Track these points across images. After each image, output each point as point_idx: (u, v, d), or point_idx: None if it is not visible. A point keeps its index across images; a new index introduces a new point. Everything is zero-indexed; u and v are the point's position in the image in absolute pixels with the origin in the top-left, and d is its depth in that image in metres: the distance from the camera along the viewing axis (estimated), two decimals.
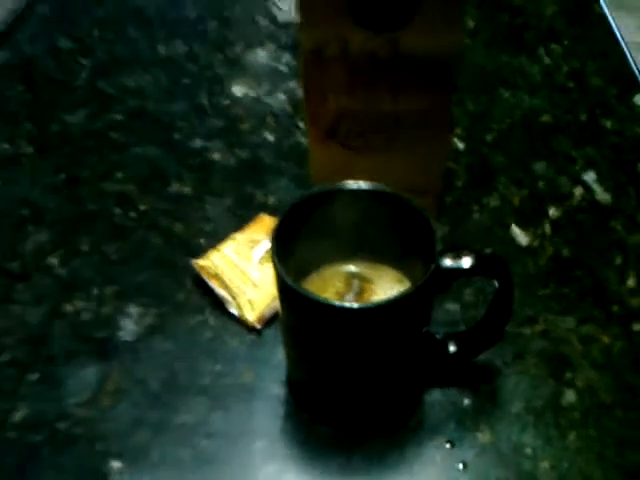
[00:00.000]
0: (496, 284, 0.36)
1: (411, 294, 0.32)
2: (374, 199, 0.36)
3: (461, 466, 0.37)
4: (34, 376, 0.41)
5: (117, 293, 0.46)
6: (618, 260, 0.48)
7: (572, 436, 0.39)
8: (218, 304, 0.45)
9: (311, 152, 0.47)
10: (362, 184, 0.36)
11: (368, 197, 0.36)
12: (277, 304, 0.43)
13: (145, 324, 0.44)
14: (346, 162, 0.47)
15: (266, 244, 0.45)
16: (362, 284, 0.39)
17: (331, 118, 0.44)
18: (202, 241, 0.49)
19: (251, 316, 0.43)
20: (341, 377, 0.37)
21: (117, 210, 0.52)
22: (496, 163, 0.56)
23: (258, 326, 0.43)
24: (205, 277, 0.45)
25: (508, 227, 0.51)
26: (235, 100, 0.63)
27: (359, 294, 0.39)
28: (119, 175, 0.55)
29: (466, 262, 0.34)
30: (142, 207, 0.52)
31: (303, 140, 0.58)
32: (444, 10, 0.38)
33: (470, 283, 0.45)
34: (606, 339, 0.43)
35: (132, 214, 0.52)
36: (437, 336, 0.40)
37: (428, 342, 0.39)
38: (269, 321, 0.44)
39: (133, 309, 0.45)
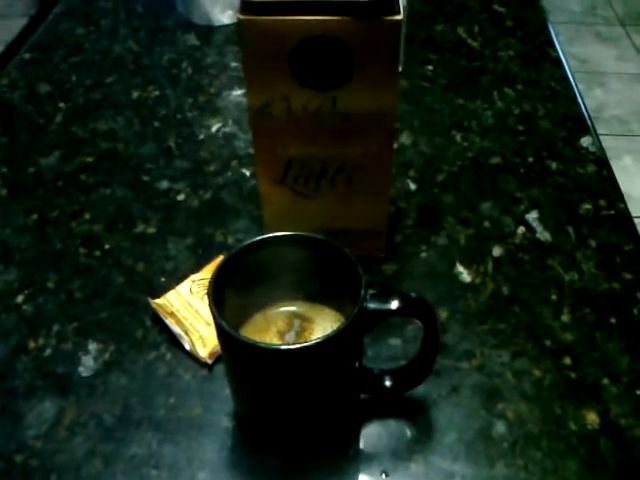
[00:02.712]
0: (420, 324, 0.38)
1: (337, 334, 0.35)
2: (308, 246, 0.39)
3: None
4: None
5: (78, 330, 0.49)
6: (554, 296, 0.51)
7: (500, 465, 0.41)
8: (174, 341, 0.47)
9: (263, 198, 0.50)
10: (295, 233, 0.39)
11: (302, 244, 0.39)
12: None
13: (103, 360, 0.47)
14: (296, 206, 0.50)
15: None
16: (303, 323, 0.42)
17: (280, 167, 0.47)
18: (162, 280, 0.52)
19: (203, 352, 0.46)
20: (282, 411, 0.39)
21: (82, 250, 0.55)
22: (445, 203, 0.59)
23: (209, 361, 0.46)
24: (162, 315, 0.48)
25: (453, 265, 0.54)
26: (202, 142, 0.66)
27: (299, 333, 0.41)
28: (87, 216, 0.58)
29: (393, 304, 0.37)
30: (107, 246, 0.55)
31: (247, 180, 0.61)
32: (378, 73, 0.42)
33: (411, 320, 0.48)
34: (538, 372, 0.46)
35: (97, 253, 0.55)
36: (374, 371, 0.42)
37: (364, 376, 0.42)
38: (220, 357, 0.46)
39: (92, 345, 0.48)
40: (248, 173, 0.62)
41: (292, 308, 0.43)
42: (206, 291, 0.48)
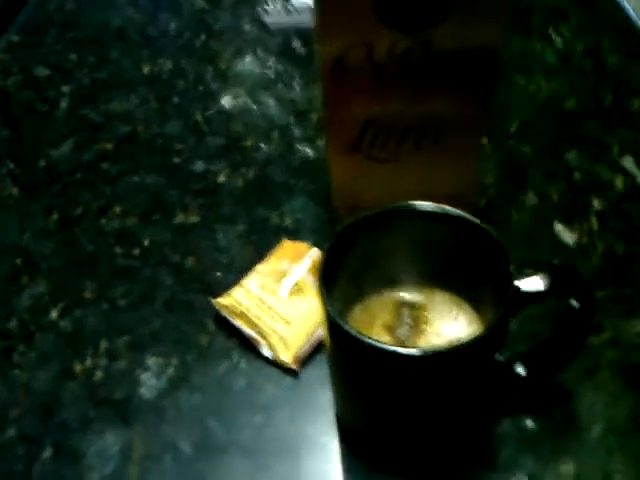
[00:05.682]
0: (575, 303, 0.31)
1: (493, 328, 0.27)
2: (428, 218, 0.32)
3: None
4: (47, 452, 0.36)
5: (131, 344, 0.41)
6: None
7: None
8: (247, 346, 0.40)
9: (332, 167, 0.42)
10: (409, 204, 0.32)
11: (421, 216, 0.32)
12: (313, 341, 0.38)
13: (167, 377, 0.39)
14: (370, 174, 0.42)
15: (295, 274, 0.41)
16: (413, 312, 0.34)
17: (355, 129, 0.39)
18: (218, 275, 0.45)
19: (286, 357, 0.38)
20: (403, 422, 0.32)
21: (119, 249, 0.47)
22: (525, 157, 0.51)
23: (295, 367, 0.38)
24: (229, 317, 0.40)
25: (551, 225, 0.46)
26: (232, 115, 0.58)
27: (413, 326, 0.34)
28: (117, 209, 0.50)
29: (543, 283, 0.29)
30: (146, 243, 0.47)
31: (312, 153, 0.53)
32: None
33: None
34: None
35: (136, 252, 0.47)
36: (500, 357, 0.35)
37: (495, 369, 0.34)
38: (306, 360, 0.39)
39: (151, 361, 0.40)
40: (294, 144, 0.54)
41: (396, 295, 0.35)
42: (279, 283, 0.41)
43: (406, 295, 0.35)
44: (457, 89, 0.38)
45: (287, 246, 0.43)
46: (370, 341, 0.27)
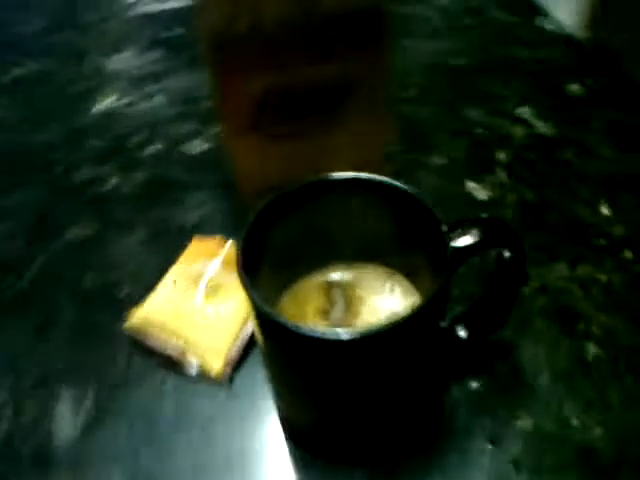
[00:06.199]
0: (507, 253, 0.30)
1: (435, 294, 0.26)
2: (345, 189, 0.29)
3: (511, 465, 0.32)
4: None
5: (38, 382, 0.36)
6: (583, 190, 0.44)
7: (612, 391, 0.34)
8: (170, 364, 0.36)
9: (233, 152, 0.39)
10: (325, 176, 0.29)
11: (338, 189, 0.29)
12: (241, 343, 0.36)
13: (86, 412, 0.35)
14: (274, 155, 0.39)
15: (209, 273, 0.37)
16: (345, 292, 0.32)
17: (251, 107, 0.36)
18: (125, 290, 0.40)
19: (215, 366, 0.35)
20: (355, 408, 0.30)
21: (5, 278, 0.41)
22: (426, 119, 0.51)
23: (226, 376, 0.35)
24: (143, 336, 0.36)
25: (462, 183, 0.45)
26: (113, 114, 0.53)
27: (347, 307, 0.32)
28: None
29: (474, 236, 0.28)
30: (37, 266, 0.42)
31: (206, 144, 0.50)
32: None
33: None
34: (603, 276, 0.39)
35: (27, 274, 0.42)
36: (443, 324, 0.34)
37: (440, 336, 0.33)
38: (237, 366, 0.36)
39: (65, 396, 0.35)
40: (184, 137, 0.50)
41: (324, 276, 0.33)
42: (194, 286, 0.37)
43: (335, 275, 0.33)
44: (350, 52, 0.36)
45: (198, 244, 0.40)
46: (306, 330, 0.25)
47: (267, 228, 0.29)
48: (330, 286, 0.33)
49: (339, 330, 0.25)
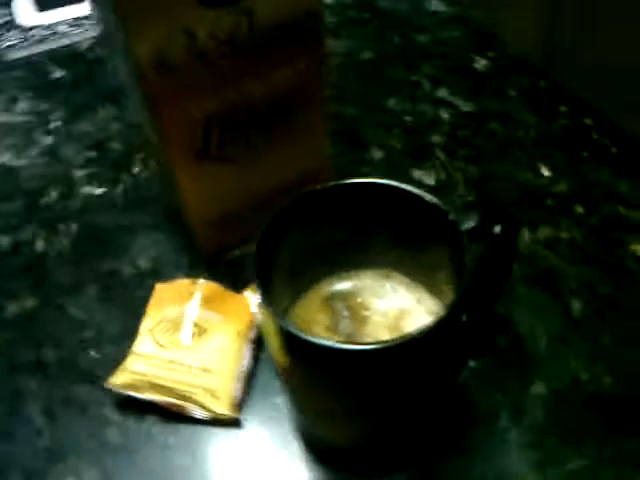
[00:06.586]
0: (497, 228, 0.30)
1: (464, 293, 0.25)
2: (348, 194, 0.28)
3: (540, 431, 0.32)
4: None
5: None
6: (520, 157, 0.46)
7: (605, 337, 0.36)
8: (168, 416, 0.33)
9: (180, 182, 0.36)
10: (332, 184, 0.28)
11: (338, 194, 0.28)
12: (241, 379, 0.33)
13: None
14: (225, 179, 0.37)
15: (189, 315, 0.35)
16: (347, 303, 0.31)
17: (197, 132, 0.34)
18: (92, 354, 0.37)
19: (221, 408, 0.32)
20: (397, 415, 0.28)
21: None
22: (351, 116, 0.50)
23: (235, 415, 0.33)
24: (135, 394, 0.33)
25: (407, 173, 0.46)
26: (18, 170, 0.48)
27: (352, 317, 0.30)
28: None
29: (474, 220, 0.28)
30: None
31: (129, 182, 0.47)
32: None
33: None
34: (565, 234, 0.41)
35: None
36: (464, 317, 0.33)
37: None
38: (242, 402, 0.34)
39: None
40: (102, 180, 0.47)
41: (324, 290, 0.32)
42: (176, 332, 0.34)
43: (332, 288, 0.32)
44: (287, 60, 0.35)
45: (163, 290, 0.37)
46: (351, 347, 0.23)
47: (275, 244, 0.27)
48: (329, 298, 0.31)
49: (377, 341, 0.24)
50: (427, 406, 0.29)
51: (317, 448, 0.32)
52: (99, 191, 0.46)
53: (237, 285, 0.37)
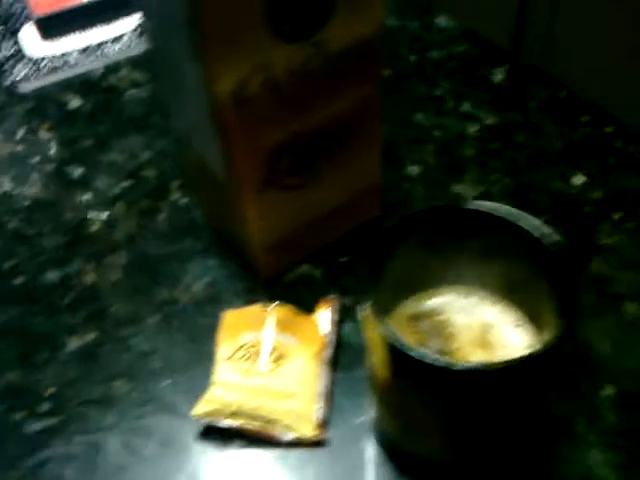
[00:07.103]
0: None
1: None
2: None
3: (617, 432, 0.34)
4: None
5: None
6: (552, 167, 0.48)
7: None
8: (253, 443, 0.34)
9: (245, 210, 0.37)
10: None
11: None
12: (323, 400, 0.34)
13: None
14: (287, 206, 0.38)
15: (267, 341, 0.35)
16: (431, 320, 0.32)
17: (265, 162, 0.35)
18: (166, 384, 0.37)
19: (309, 430, 0.33)
20: (500, 434, 0.29)
21: (18, 414, 0.36)
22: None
23: (323, 435, 0.33)
24: (222, 422, 0.33)
25: (447, 186, 0.47)
26: (46, 204, 0.48)
27: (440, 335, 0.31)
28: None
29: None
30: (50, 391, 0.37)
31: (170, 211, 0.47)
32: None
33: None
34: (608, 240, 0.42)
35: (42, 409, 0.36)
36: None
37: None
38: (324, 424, 0.34)
39: None
40: (149, 208, 0.47)
41: (404, 309, 0.32)
42: (254, 358, 0.35)
43: (417, 305, 0.33)
44: (351, 86, 0.36)
45: (233, 317, 0.37)
46: (464, 366, 0.24)
47: (385, 260, 0.28)
48: (415, 317, 0.32)
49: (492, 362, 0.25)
50: (522, 425, 0.30)
51: (403, 463, 0.32)
52: (142, 221, 0.46)
53: (300, 307, 0.38)
